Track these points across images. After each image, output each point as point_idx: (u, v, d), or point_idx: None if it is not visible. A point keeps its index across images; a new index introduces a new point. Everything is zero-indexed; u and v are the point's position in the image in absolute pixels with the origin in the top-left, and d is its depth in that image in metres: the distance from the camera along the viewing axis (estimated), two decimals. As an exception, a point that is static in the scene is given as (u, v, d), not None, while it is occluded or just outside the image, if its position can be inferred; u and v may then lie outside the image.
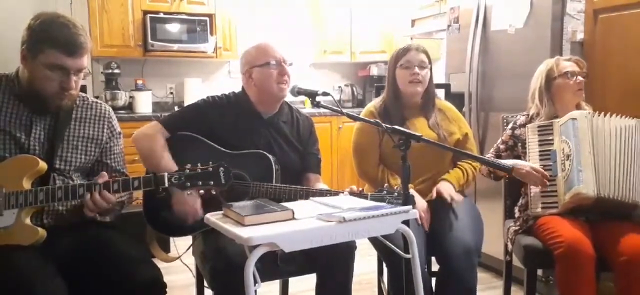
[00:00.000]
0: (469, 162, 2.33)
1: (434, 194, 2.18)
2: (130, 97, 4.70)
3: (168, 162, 1.97)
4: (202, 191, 1.78)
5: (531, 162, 2.22)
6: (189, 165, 1.71)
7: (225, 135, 2.09)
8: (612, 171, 2.10)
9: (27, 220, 1.68)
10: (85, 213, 1.72)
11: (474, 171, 2.34)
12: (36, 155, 1.73)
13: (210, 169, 1.70)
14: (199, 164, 1.72)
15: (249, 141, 2.09)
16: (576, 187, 2.08)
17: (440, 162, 2.30)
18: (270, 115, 2.19)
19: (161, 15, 4.59)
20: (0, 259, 1.59)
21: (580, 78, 2.29)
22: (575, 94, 2.30)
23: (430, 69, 2.34)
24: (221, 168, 1.70)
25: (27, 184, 1.68)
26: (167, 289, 1.72)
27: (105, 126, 1.92)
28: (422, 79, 2.28)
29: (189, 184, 1.70)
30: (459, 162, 2.33)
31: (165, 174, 1.71)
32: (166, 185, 1.70)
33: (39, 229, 1.68)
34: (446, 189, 2.17)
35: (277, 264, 1.86)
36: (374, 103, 2.41)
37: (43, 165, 1.71)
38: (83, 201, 1.69)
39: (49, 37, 1.67)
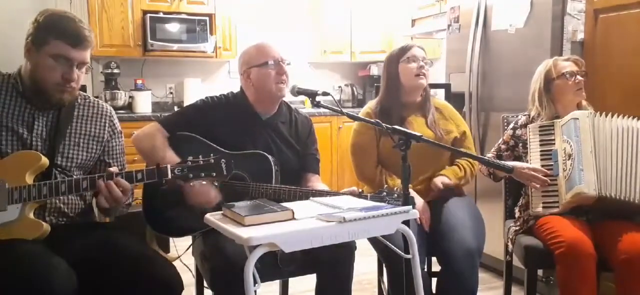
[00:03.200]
0: (467, 160, 2.33)
1: (434, 185, 2.18)
2: (130, 97, 4.70)
3: (172, 158, 1.95)
4: (204, 182, 1.78)
5: (532, 162, 2.22)
6: (190, 157, 1.72)
7: (224, 135, 2.08)
8: (614, 170, 2.09)
9: (31, 215, 1.68)
10: (99, 202, 1.72)
11: (472, 168, 2.33)
12: (38, 151, 1.74)
13: (212, 160, 1.71)
14: (200, 156, 1.72)
15: (247, 142, 2.09)
16: (577, 187, 2.08)
17: (438, 161, 2.29)
18: (269, 116, 2.18)
19: (161, 15, 4.59)
20: (11, 252, 1.57)
21: (579, 77, 2.28)
22: (575, 94, 2.28)
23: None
24: (223, 159, 1.71)
25: (30, 179, 1.68)
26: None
27: (107, 124, 1.93)
28: (426, 73, 2.29)
29: (192, 175, 1.71)
30: (456, 160, 2.33)
31: (169, 165, 1.71)
32: (169, 176, 1.70)
33: (43, 223, 1.68)
34: (439, 178, 2.20)
35: (277, 264, 1.85)
36: (370, 105, 2.40)
37: (45, 160, 1.71)
38: (98, 188, 1.68)
39: (56, 29, 1.70)
